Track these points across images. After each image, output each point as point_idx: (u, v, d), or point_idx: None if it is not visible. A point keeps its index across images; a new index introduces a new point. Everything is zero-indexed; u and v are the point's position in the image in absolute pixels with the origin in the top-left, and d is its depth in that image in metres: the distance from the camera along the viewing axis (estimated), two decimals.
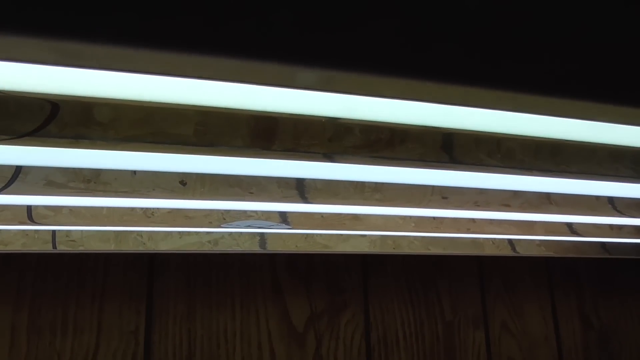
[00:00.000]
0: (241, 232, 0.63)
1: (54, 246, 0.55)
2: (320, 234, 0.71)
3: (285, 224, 0.62)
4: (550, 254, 0.77)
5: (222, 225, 0.57)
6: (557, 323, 0.82)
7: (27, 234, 0.57)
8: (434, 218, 0.70)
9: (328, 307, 0.71)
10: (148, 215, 0.58)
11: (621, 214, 0.67)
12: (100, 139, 0.35)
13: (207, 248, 0.62)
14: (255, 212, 0.60)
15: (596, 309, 0.85)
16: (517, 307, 0.81)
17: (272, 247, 0.64)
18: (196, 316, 0.66)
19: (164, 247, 0.61)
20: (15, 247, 0.57)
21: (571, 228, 0.75)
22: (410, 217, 0.67)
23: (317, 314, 0.71)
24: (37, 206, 0.50)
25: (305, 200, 0.55)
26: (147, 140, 0.36)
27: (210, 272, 0.68)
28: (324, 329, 0.71)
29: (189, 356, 0.64)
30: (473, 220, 0.72)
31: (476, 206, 0.60)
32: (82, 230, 0.62)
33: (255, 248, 0.65)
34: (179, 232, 0.65)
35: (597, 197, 0.65)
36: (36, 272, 0.61)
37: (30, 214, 0.50)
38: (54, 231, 0.55)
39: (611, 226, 0.77)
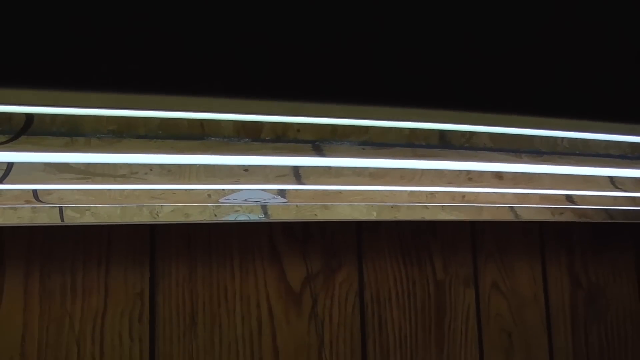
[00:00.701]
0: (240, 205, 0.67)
1: (62, 219, 0.60)
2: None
3: (282, 197, 0.66)
4: (553, 218, 0.82)
5: (220, 200, 0.62)
6: (547, 282, 0.89)
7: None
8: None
9: (323, 268, 0.78)
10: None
11: (620, 189, 0.71)
12: (94, 136, 0.39)
13: (208, 214, 0.67)
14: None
15: (586, 269, 0.91)
16: (508, 268, 0.87)
17: (273, 211, 0.69)
18: (197, 278, 0.72)
19: (168, 209, 0.67)
20: (24, 213, 0.62)
21: (569, 198, 0.79)
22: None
23: (312, 274, 0.77)
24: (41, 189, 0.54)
25: (299, 178, 0.59)
26: (140, 134, 0.40)
27: (209, 236, 0.73)
28: (320, 289, 0.77)
29: (192, 315, 0.71)
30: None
31: (469, 180, 0.64)
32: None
33: (258, 212, 0.70)
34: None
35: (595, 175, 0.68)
36: (43, 239, 0.67)
37: (35, 193, 0.55)
38: (60, 207, 0.60)
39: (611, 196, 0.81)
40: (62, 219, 0.61)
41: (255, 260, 0.75)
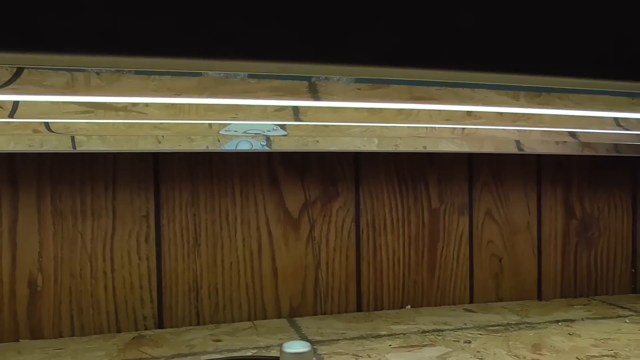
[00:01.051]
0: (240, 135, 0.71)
1: (73, 146, 0.65)
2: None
3: (282, 129, 0.69)
4: (557, 151, 0.85)
5: (220, 131, 0.66)
6: (541, 212, 0.94)
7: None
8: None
9: (321, 195, 0.83)
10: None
11: (622, 127, 0.73)
12: (93, 70, 0.42)
13: (212, 141, 0.71)
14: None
15: (581, 200, 0.95)
16: (503, 197, 0.91)
17: (275, 139, 0.73)
18: (200, 203, 0.77)
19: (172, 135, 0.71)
20: (34, 137, 0.66)
21: (571, 134, 0.82)
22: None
23: (311, 201, 0.82)
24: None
25: (297, 114, 0.62)
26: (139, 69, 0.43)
27: (211, 164, 0.78)
28: (317, 215, 0.83)
29: (195, 237, 0.78)
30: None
31: (468, 115, 0.67)
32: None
33: (260, 139, 0.74)
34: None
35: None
36: (52, 164, 0.72)
37: (47, 124, 0.59)
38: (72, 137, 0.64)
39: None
40: (73, 146, 0.66)
41: (255, 187, 0.79)
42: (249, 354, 0.65)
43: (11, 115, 0.51)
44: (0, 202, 0.70)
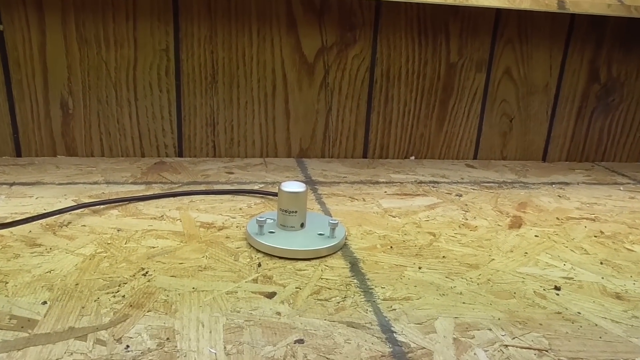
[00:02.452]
0: None
1: None
2: None
3: None
4: (603, 12, 0.82)
5: None
6: (563, 73, 0.94)
7: None
8: None
9: (338, 41, 0.85)
10: None
11: None
12: None
13: None
14: None
15: (609, 63, 0.95)
16: (526, 55, 0.91)
17: None
18: (217, 40, 0.81)
19: None
20: None
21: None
22: None
23: (327, 47, 0.85)
24: None
25: None
26: None
27: (230, 1, 0.79)
28: (333, 61, 0.86)
29: (212, 74, 0.83)
30: None
31: None
32: None
33: None
34: None
35: None
36: None
37: None
38: None
39: None
40: None
41: (273, 29, 0.82)
42: (256, 187, 0.74)
43: None
44: (28, 25, 0.76)
